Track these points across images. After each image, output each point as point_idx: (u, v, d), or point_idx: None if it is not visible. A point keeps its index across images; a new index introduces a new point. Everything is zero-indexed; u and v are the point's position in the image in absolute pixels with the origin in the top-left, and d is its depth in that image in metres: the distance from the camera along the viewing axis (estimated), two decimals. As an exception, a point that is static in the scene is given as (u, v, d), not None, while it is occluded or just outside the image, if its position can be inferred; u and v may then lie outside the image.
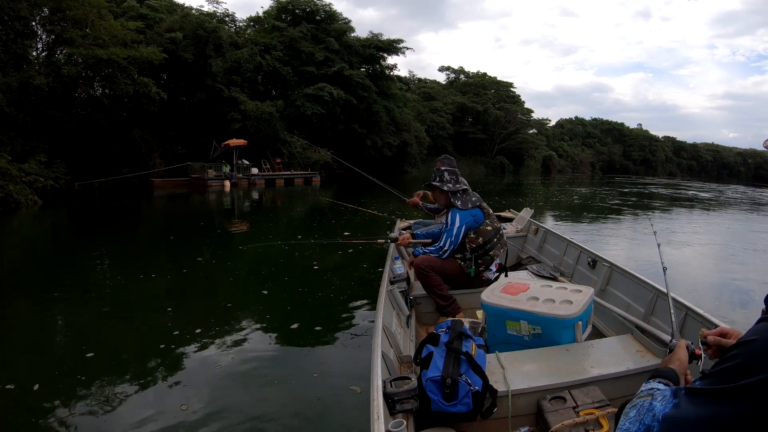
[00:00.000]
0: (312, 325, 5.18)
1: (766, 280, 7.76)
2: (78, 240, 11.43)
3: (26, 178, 17.20)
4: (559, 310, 2.84)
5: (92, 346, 4.54)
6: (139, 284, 6.89)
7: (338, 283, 6.97)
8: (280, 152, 32.79)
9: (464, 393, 2.24)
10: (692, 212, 19.21)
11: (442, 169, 4.33)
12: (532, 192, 29.92)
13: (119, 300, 6.19)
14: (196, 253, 9.24)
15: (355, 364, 4.13)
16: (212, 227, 13.07)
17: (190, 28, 29.30)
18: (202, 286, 7.00)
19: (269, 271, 7.91)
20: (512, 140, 67.64)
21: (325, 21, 41.09)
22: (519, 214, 6.76)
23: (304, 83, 37.15)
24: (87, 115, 24.36)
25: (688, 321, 2.84)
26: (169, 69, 28.76)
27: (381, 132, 41.46)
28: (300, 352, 4.59)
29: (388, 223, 12.59)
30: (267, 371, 4.08)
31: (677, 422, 0.98)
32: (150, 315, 5.65)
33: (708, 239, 12.26)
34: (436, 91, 66.94)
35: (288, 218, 15.25)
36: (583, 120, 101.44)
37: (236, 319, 5.41)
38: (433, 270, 3.98)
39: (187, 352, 4.44)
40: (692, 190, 34.23)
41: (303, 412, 3.40)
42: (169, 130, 29.07)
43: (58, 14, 21.78)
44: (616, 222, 15.21)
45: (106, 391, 3.70)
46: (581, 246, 4.80)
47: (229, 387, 3.76)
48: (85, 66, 23.06)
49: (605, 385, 2.45)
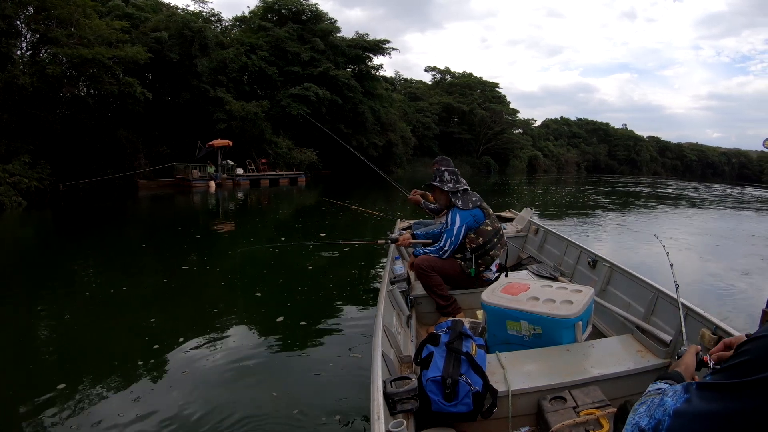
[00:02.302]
0: (311, 325, 5.24)
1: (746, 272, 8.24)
2: (63, 242, 11.44)
3: (10, 179, 17.19)
4: (560, 310, 2.86)
5: (78, 348, 4.60)
6: (124, 286, 6.85)
7: (336, 283, 6.99)
8: (266, 152, 32.78)
9: (464, 393, 2.25)
10: (676, 209, 19.60)
11: (442, 170, 4.33)
12: (518, 192, 30.20)
13: (104, 302, 6.14)
14: (182, 255, 9.18)
15: (355, 364, 4.15)
16: (197, 229, 13.04)
17: (175, 28, 29.17)
18: (190, 289, 6.92)
19: (261, 273, 7.88)
20: (498, 140, 67.94)
21: (311, 21, 41.11)
22: (519, 214, 6.76)
23: (289, 83, 37.17)
24: (71, 116, 24.21)
25: (688, 321, 2.77)
26: (155, 69, 28.62)
27: (367, 132, 41.50)
28: (300, 352, 4.58)
29: (373, 222, 12.79)
30: (266, 372, 4.12)
31: (688, 416, 0.98)
32: (136, 317, 5.59)
33: (690, 236, 12.63)
34: (422, 91, 67.14)
35: (273, 219, 15.34)
36: (569, 120, 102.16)
37: (230, 321, 5.43)
38: (434, 270, 3.99)
39: (185, 353, 4.44)
40: (671, 188, 34.66)
41: (303, 412, 3.42)
42: (154, 131, 28.93)
43: (42, 13, 21.55)
44: (604, 220, 15.62)
45: (92, 392, 3.71)
46: (581, 246, 4.79)
47: (226, 387, 3.77)
48: (69, 66, 22.86)
49: (605, 385, 2.47)
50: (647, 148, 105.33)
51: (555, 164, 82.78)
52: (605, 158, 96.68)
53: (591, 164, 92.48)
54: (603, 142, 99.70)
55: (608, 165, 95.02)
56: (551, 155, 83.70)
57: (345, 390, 3.73)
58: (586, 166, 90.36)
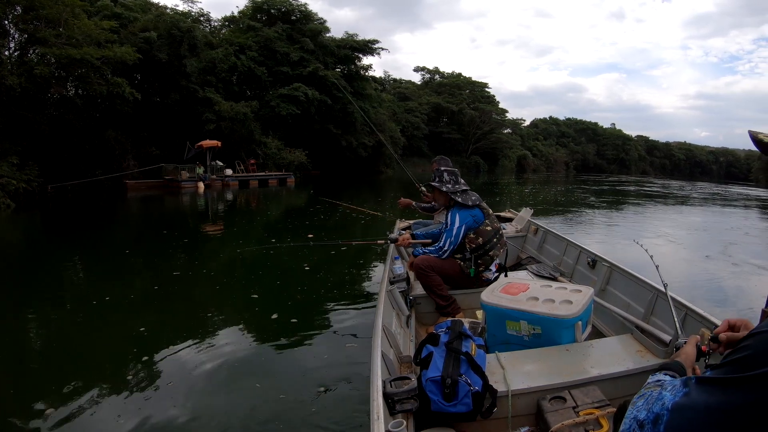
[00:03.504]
0: (310, 325, 5.26)
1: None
2: (52, 244, 11.38)
3: (-1, 180, 17.06)
4: (559, 310, 2.84)
5: (68, 352, 4.61)
6: (112, 290, 6.76)
7: (334, 284, 7.03)
8: (255, 153, 32.82)
9: (464, 393, 2.25)
10: (661, 207, 19.87)
11: (441, 170, 4.31)
12: (507, 191, 30.37)
13: (94, 305, 6.03)
14: (172, 259, 9.06)
15: (355, 364, 4.14)
16: (186, 231, 13.02)
17: (164, 28, 29.10)
18: (181, 292, 6.82)
19: (257, 274, 7.87)
20: (487, 140, 68.28)
21: (301, 21, 41.19)
22: (519, 214, 6.73)
23: (279, 83, 37.27)
24: (60, 116, 24.07)
25: (687, 321, 2.82)
26: (143, 69, 28.52)
27: (356, 132, 41.62)
28: (299, 352, 4.58)
29: (363, 222, 12.87)
30: (266, 372, 4.14)
31: (687, 411, 0.97)
32: (126, 322, 5.50)
33: (676, 232, 12.99)
34: (411, 91, 67.39)
35: (262, 220, 15.36)
36: (558, 120, 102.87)
37: (227, 323, 5.46)
38: (433, 270, 3.96)
39: (178, 355, 4.42)
40: (656, 186, 35.02)
41: (303, 413, 3.43)
42: (143, 131, 28.85)
43: (31, 13, 21.39)
44: (593, 218, 15.91)
45: (83, 397, 3.67)
46: (581, 246, 4.76)
47: (226, 389, 3.78)
48: (58, 66, 22.76)
49: (605, 385, 2.46)
50: (636, 148, 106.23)
51: (544, 164, 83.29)
52: (594, 157, 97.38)
53: (580, 163, 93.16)
54: (592, 141, 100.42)
55: (597, 164, 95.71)
56: (540, 155, 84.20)
57: (344, 390, 3.74)
58: (575, 166, 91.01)
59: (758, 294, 6.61)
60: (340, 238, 9.79)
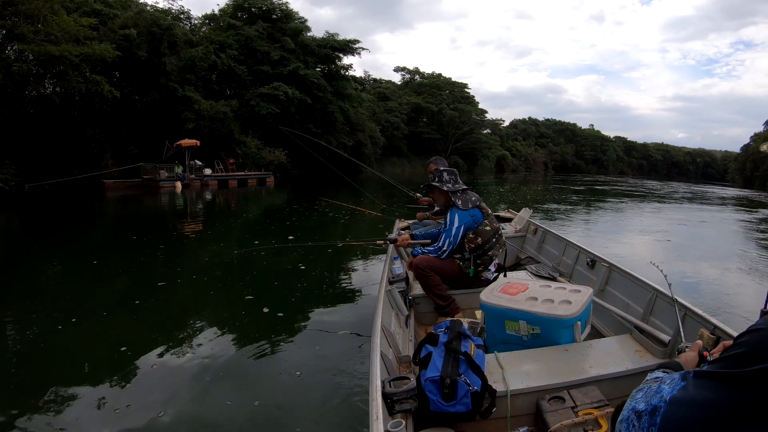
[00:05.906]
0: (309, 325, 5.31)
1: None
2: (30, 245, 11.20)
3: (-25, 180, 16.88)
4: (558, 310, 2.85)
5: (45, 357, 4.56)
6: (91, 292, 6.76)
7: (332, 284, 7.09)
8: (234, 153, 32.77)
9: (463, 393, 2.25)
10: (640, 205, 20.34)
11: (441, 170, 4.32)
12: (486, 191, 30.64)
13: (72, 308, 5.96)
14: (158, 258, 9.01)
15: (354, 364, 4.17)
16: (165, 232, 12.89)
17: (144, 25, 28.94)
18: (167, 292, 6.72)
19: (251, 275, 7.77)
20: (466, 140, 68.78)
21: (282, 20, 41.29)
22: (518, 214, 6.73)
23: (259, 82, 37.24)
24: (37, 114, 23.79)
25: (687, 321, 2.81)
26: (122, 67, 28.27)
27: (336, 132, 41.69)
28: (298, 352, 4.59)
29: (342, 221, 13.00)
30: (265, 373, 4.16)
31: (684, 404, 1.00)
32: (105, 325, 5.44)
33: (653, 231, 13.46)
34: (392, 91, 67.74)
35: (242, 221, 15.38)
36: (537, 120, 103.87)
37: (224, 324, 5.43)
38: (432, 270, 3.97)
39: (167, 359, 4.41)
40: (627, 186, 35.49)
41: (303, 413, 3.47)
42: (122, 130, 28.62)
43: (9, 8, 21.07)
44: (570, 214, 16.12)
45: (65, 402, 3.64)
46: (580, 246, 4.75)
47: (225, 390, 3.79)
48: (36, 63, 22.49)
49: (604, 385, 2.47)
50: (614, 148, 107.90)
51: (523, 164, 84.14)
52: (572, 158, 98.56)
53: (558, 164, 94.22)
54: (570, 142, 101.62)
55: (575, 164, 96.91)
56: (519, 155, 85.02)
57: (344, 390, 3.76)
58: (553, 166, 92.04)
59: (758, 294, 6.72)
60: (338, 240, 9.82)
